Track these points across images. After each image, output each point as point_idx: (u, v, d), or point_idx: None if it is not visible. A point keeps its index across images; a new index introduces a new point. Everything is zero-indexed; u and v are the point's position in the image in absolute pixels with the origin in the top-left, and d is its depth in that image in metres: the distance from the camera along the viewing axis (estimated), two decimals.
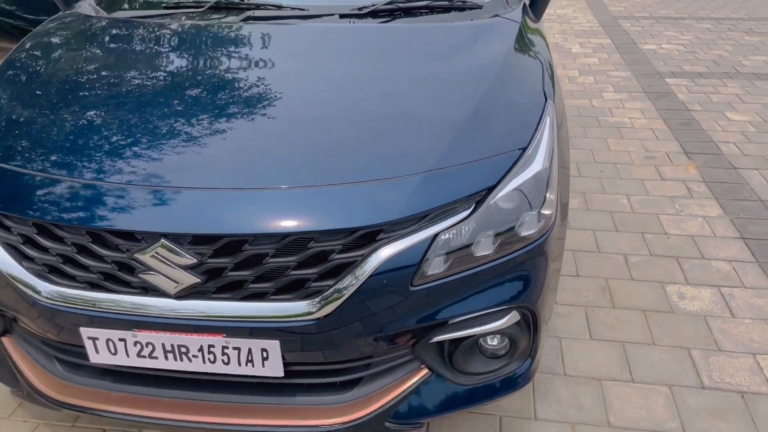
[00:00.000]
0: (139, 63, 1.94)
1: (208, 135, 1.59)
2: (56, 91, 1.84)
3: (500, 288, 1.59)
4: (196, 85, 1.80)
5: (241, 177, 1.49)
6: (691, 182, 3.52)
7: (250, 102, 1.71)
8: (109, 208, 1.46)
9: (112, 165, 1.53)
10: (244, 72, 1.86)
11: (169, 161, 1.53)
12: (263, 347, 1.52)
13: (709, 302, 2.53)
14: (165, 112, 1.69)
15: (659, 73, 5.43)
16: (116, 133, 1.62)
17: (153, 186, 1.47)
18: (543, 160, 1.63)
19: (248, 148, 1.57)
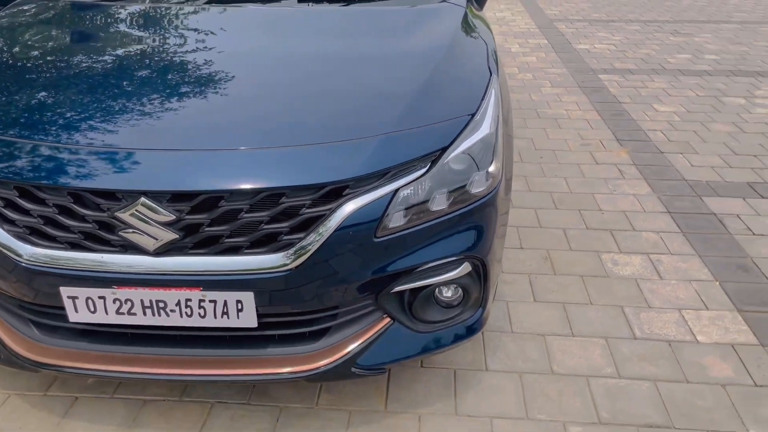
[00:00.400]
0: (110, 40, 2.03)
1: (186, 101, 1.71)
2: (33, 66, 1.91)
3: (453, 240, 1.75)
4: (165, 60, 1.91)
5: (218, 138, 1.61)
6: (622, 165, 3.80)
7: (224, 73, 1.83)
8: (91, 169, 1.55)
9: (93, 129, 1.63)
10: (210, 49, 1.98)
11: (148, 125, 1.64)
12: (238, 299, 1.63)
13: (639, 267, 2.78)
14: (142, 82, 1.79)
15: (592, 70, 5.76)
16: (96, 101, 1.72)
17: (134, 148, 1.58)
18: (489, 125, 1.81)
19: (225, 113, 1.69)
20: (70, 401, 2.04)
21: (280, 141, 1.61)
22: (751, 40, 6.83)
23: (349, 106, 1.74)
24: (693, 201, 3.34)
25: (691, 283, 2.65)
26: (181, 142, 1.59)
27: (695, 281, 2.67)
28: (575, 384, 2.11)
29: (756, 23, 7.70)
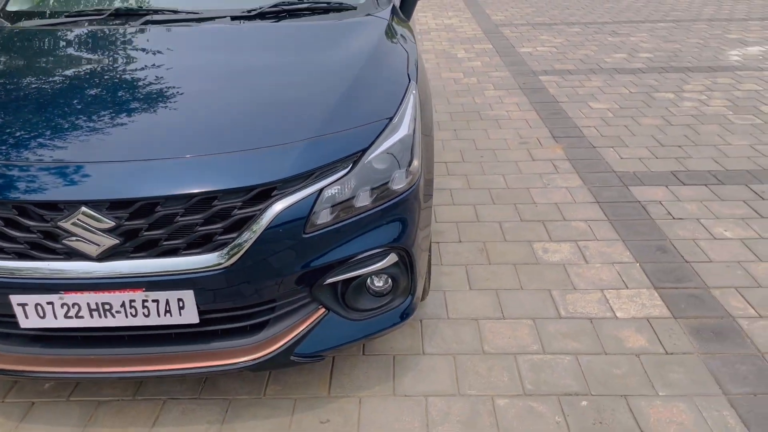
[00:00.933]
0: (52, 65, 2.15)
1: (120, 117, 1.84)
2: None
3: (378, 233, 1.92)
4: (102, 81, 2.04)
5: (152, 149, 1.75)
6: (557, 161, 4.02)
7: (153, 91, 1.97)
8: (33, 183, 1.68)
9: (34, 145, 1.75)
10: (146, 67, 2.11)
11: (86, 139, 1.77)
12: (179, 297, 1.77)
13: (567, 254, 2.98)
14: (78, 103, 1.92)
15: (533, 72, 6.01)
16: (36, 118, 1.84)
17: (73, 161, 1.71)
18: (408, 126, 1.99)
19: (157, 126, 1.83)
20: (26, 406, 2.14)
21: (210, 149, 1.75)
22: (684, 37, 7.18)
23: (274, 114, 1.90)
24: (620, 191, 3.56)
25: (613, 266, 2.86)
26: (117, 154, 1.73)
27: (618, 263, 2.88)
28: (504, 361, 2.29)
29: (689, 21, 8.08)
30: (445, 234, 3.19)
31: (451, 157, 4.13)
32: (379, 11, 2.55)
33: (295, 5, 2.49)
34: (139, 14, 2.45)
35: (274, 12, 2.46)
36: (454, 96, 5.40)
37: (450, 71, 6.16)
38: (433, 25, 8.33)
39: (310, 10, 2.50)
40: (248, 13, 2.43)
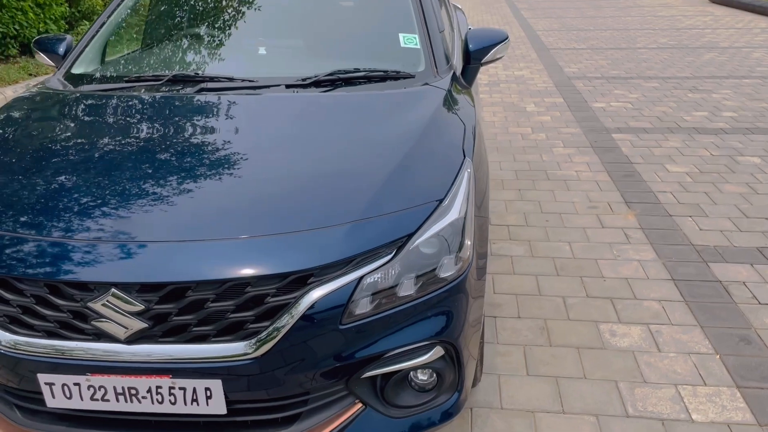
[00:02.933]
0: (96, 134, 2.14)
1: (154, 195, 1.78)
2: (18, 160, 2.02)
3: (423, 324, 1.76)
4: (144, 153, 2.00)
5: (184, 230, 1.67)
6: (629, 229, 3.76)
7: (193, 165, 1.91)
8: (65, 262, 1.62)
9: (68, 223, 1.71)
10: (190, 139, 2.07)
11: (118, 218, 1.71)
12: (207, 386, 1.67)
13: (638, 338, 2.72)
14: (116, 176, 1.88)
15: (606, 129, 5.77)
16: (71, 195, 1.81)
17: (104, 241, 1.65)
18: (459, 209, 1.84)
19: (190, 205, 1.76)
20: None
21: (245, 231, 1.66)
22: None
23: (316, 195, 1.80)
24: (698, 267, 3.27)
25: (690, 356, 2.59)
26: (149, 234, 1.66)
27: (694, 354, 2.60)
28: None
29: None
30: (503, 307, 2.99)
31: (513, 220, 3.94)
32: (438, 80, 2.43)
33: (351, 73, 2.42)
34: (195, 80, 2.44)
35: (330, 80, 2.39)
36: (521, 152, 5.22)
37: (518, 126, 5.99)
38: (503, 76, 8.21)
39: (366, 78, 2.42)
40: (303, 81, 2.37)
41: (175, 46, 2.85)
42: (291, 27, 2.82)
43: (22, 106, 2.40)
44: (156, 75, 2.48)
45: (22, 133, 2.19)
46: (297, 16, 2.86)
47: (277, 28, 2.82)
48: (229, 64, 2.62)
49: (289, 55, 2.69)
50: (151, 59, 2.81)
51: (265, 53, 2.68)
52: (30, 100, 2.46)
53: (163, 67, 2.68)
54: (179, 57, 2.75)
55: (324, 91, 2.35)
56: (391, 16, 2.77)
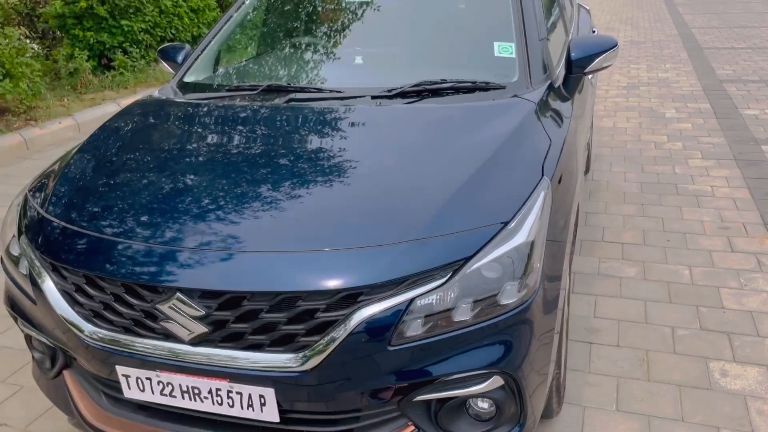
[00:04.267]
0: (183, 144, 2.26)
1: (224, 205, 1.85)
2: (113, 168, 2.18)
3: (480, 352, 1.69)
4: (223, 164, 2.08)
5: (244, 240, 1.72)
6: (763, 255, 3.36)
7: (265, 177, 1.96)
8: (139, 264, 1.74)
9: (147, 228, 1.82)
10: (268, 151, 2.12)
11: (191, 226, 1.80)
12: (261, 393, 1.71)
13: (753, 382, 2.42)
14: (194, 186, 1.98)
15: (755, 140, 5.21)
16: (153, 202, 1.93)
17: (174, 247, 1.74)
18: (527, 232, 1.74)
19: (255, 216, 1.81)
20: None
21: (300, 245, 1.68)
22: None
23: (379, 211, 1.77)
24: None
25: None
26: (213, 242, 1.73)
27: None
28: None
29: None
30: (601, 333, 2.79)
31: (630, 238, 3.67)
32: (529, 92, 2.31)
33: (438, 84, 2.36)
34: (287, 90, 2.51)
35: (416, 91, 2.35)
36: (651, 163, 4.85)
37: (652, 133, 5.58)
38: (645, 78, 7.67)
39: (454, 89, 2.36)
40: (389, 92, 2.36)
41: (276, 57, 2.95)
42: (388, 36, 2.82)
43: (132, 113, 2.61)
44: (252, 85, 2.58)
45: (123, 139, 2.38)
46: (396, 24, 2.85)
47: (374, 38, 2.83)
48: (320, 75, 2.67)
49: (382, 65, 2.69)
50: (253, 69, 2.94)
51: (357, 63, 2.70)
52: (140, 107, 2.67)
53: (262, 77, 2.79)
54: (278, 67, 2.84)
55: (408, 102, 2.32)
56: (489, 23, 2.68)
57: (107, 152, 2.29)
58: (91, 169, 2.20)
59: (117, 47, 7.94)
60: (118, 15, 7.83)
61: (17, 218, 2.12)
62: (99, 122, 6.74)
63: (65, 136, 6.31)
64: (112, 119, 2.60)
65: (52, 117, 6.41)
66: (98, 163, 2.23)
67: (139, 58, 8.09)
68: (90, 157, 2.28)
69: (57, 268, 1.87)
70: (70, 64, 7.44)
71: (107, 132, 2.48)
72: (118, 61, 7.81)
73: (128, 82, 7.65)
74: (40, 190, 2.17)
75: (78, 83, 7.38)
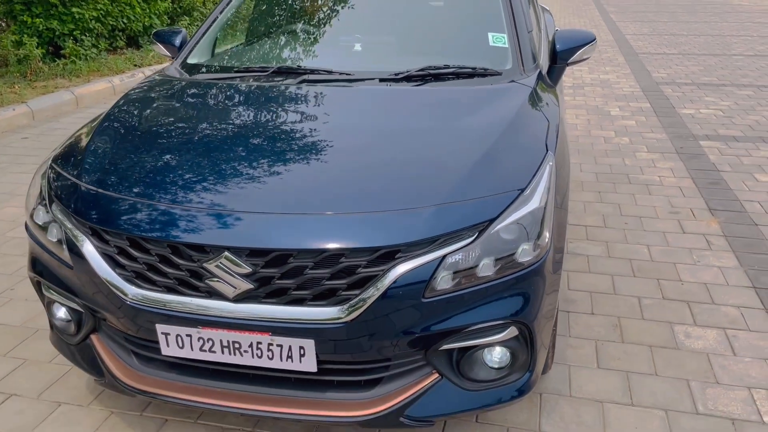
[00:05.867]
0: (212, 116, 2.39)
1: (263, 172, 1.99)
2: (147, 136, 2.29)
3: (500, 304, 1.89)
4: (256, 134, 2.22)
5: (289, 204, 1.87)
6: (711, 236, 3.73)
7: (298, 147, 2.11)
8: (186, 226, 1.85)
9: (189, 192, 1.94)
10: (295, 124, 2.27)
11: (233, 191, 1.93)
12: (301, 345, 1.85)
13: (713, 342, 2.74)
14: (231, 154, 2.10)
15: (694, 136, 5.66)
16: (192, 168, 2.04)
17: (220, 210, 1.87)
18: (540, 199, 1.96)
19: (295, 182, 1.96)
20: (161, 422, 2.32)
21: (342, 208, 1.84)
22: None
23: (406, 178, 1.96)
24: None
25: (766, 362, 2.58)
26: (260, 206, 1.86)
27: None
28: None
29: None
30: (576, 303, 3.06)
31: (592, 221, 3.98)
32: (524, 78, 2.55)
33: (441, 70, 2.56)
34: (298, 72, 2.65)
35: (420, 75, 2.54)
36: (603, 156, 5.21)
37: (601, 129, 5.96)
38: (588, 79, 8.13)
39: (455, 74, 2.56)
40: (396, 75, 2.54)
41: (278, 42, 3.08)
42: (385, 25, 3.00)
43: (146, 89, 2.69)
44: (263, 66, 2.71)
45: (149, 113, 2.47)
46: (391, 15, 3.03)
47: (373, 26, 3.01)
48: (328, 59, 2.82)
49: (383, 51, 2.87)
50: (257, 53, 3.06)
51: (360, 49, 2.86)
52: (153, 84, 2.75)
53: (269, 59, 2.92)
54: (283, 51, 2.98)
55: (415, 85, 2.50)
56: (482, 16, 2.90)
57: (136, 123, 2.37)
58: (121, 138, 2.28)
59: (67, 35, 7.76)
60: (68, 2, 7.67)
61: (44, 187, 2.18)
62: (54, 110, 6.70)
63: (19, 123, 6.16)
64: (130, 92, 2.67)
65: (6, 104, 6.24)
66: (128, 132, 2.31)
67: (90, 46, 7.94)
68: (118, 127, 2.36)
69: (98, 233, 1.95)
70: (19, 50, 7.23)
71: (130, 103, 2.55)
72: (68, 49, 7.65)
73: (81, 70, 7.50)
74: (68, 160, 2.23)
75: (28, 71, 7.18)
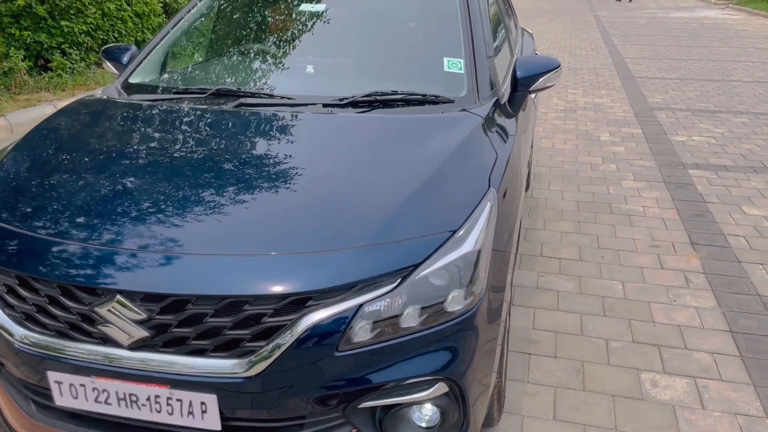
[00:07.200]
0: (127, 142, 2.22)
1: (166, 206, 1.82)
2: (49, 165, 2.10)
3: (426, 358, 1.70)
4: (167, 164, 2.05)
5: (188, 243, 1.69)
6: (690, 273, 3.53)
7: (210, 179, 1.94)
8: (76, 265, 1.68)
9: (83, 229, 1.76)
10: (215, 152, 2.10)
11: (131, 227, 1.75)
12: (202, 400, 1.67)
13: (681, 392, 2.53)
14: (135, 185, 1.93)
15: (683, 164, 5.47)
16: (90, 201, 1.87)
17: (112, 248, 1.69)
18: (474, 241, 1.77)
19: (198, 219, 1.78)
20: None
21: (246, 249, 1.66)
22: None
23: (326, 216, 1.77)
24: (762, 320, 3.02)
25: (736, 418, 2.38)
26: (156, 244, 1.69)
27: (742, 416, 2.39)
28: None
29: None
30: (539, 345, 2.86)
31: (567, 254, 3.78)
32: (477, 107, 2.36)
33: (388, 96, 2.39)
34: (237, 95, 2.48)
35: (367, 101, 2.37)
36: (587, 183, 5.02)
37: (588, 155, 5.78)
38: (581, 103, 7.97)
39: (404, 101, 2.39)
40: (340, 101, 2.37)
41: (224, 63, 2.92)
42: (339, 47, 2.83)
43: (73, 112, 2.53)
44: (201, 88, 2.54)
45: (63, 140, 2.30)
46: (350, 36, 2.87)
47: (328, 48, 2.84)
48: (271, 81, 2.65)
49: (333, 74, 2.70)
50: (204, 73, 2.90)
51: (312, 71, 2.70)
52: (82, 105, 2.59)
53: (211, 81, 2.76)
54: (229, 72, 2.81)
55: (359, 112, 2.33)
56: (440, 39, 2.73)
57: (44, 151, 2.21)
58: (26, 168, 2.11)
59: (55, 48, 7.67)
60: (58, 15, 7.58)
61: None
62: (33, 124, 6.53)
63: None
64: (50, 118, 2.51)
65: None
66: (34, 162, 2.14)
67: (79, 60, 7.84)
68: (25, 156, 2.20)
69: None
70: (4, 63, 7.13)
71: (45, 131, 2.39)
72: (55, 62, 7.55)
73: (66, 84, 7.39)
74: None
75: (12, 83, 7.08)
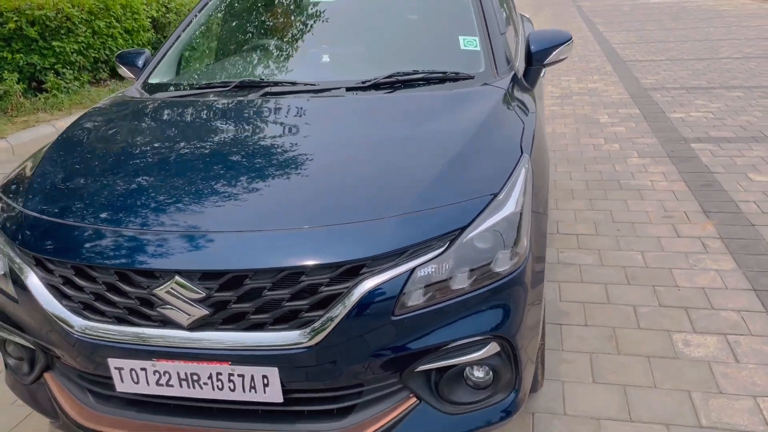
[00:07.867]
0: (165, 134, 2.27)
1: (216, 188, 1.86)
2: (93, 159, 2.16)
3: (478, 319, 1.74)
4: (209, 150, 2.10)
5: (242, 221, 1.73)
6: (707, 239, 3.59)
7: (253, 161, 1.99)
8: (133, 251, 1.71)
9: (136, 215, 1.80)
10: (253, 137, 2.15)
11: (183, 210, 1.79)
12: (264, 374, 1.70)
13: (714, 349, 2.58)
14: (181, 171, 1.97)
15: (685, 139, 5.54)
16: (139, 189, 1.91)
17: (168, 231, 1.73)
18: (515, 203, 1.82)
19: (249, 198, 1.82)
20: None
21: (298, 222, 1.70)
22: None
23: (370, 188, 1.82)
24: None
25: None
26: (210, 224, 1.73)
27: None
28: None
29: None
30: (569, 315, 2.91)
31: (583, 229, 3.84)
32: (498, 80, 2.42)
33: (410, 75, 2.44)
34: (261, 86, 2.53)
35: (389, 82, 2.42)
36: (592, 163, 5.09)
37: (590, 137, 5.85)
38: (576, 89, 8.04)
39: (425, 80, 2.44)
40: (363, 83, 2.42)
41: (243, 57, 2.97)
42: (354, 35, 2.89)
43: (101, 112, 2.57)
44: (224, 82, 2.59)
45: (101, 135, 2.34)
46: (360, 24, 2.93)
47: (341, 36, 2.90)
48: (292, 71, 2.71)
49: (351, 61, 2.75)
50: (222, 68, 2.95)
51: (328, 60, 2.75)
52: (110, 106, 2.63)
53: (232, 74, 2.80)
54: (248, 65, 2.86)
55: (384, 93, 2.38)
56: (452, 19, 2.79)
57: (85, 146, 2.25)
58: (70, 162, 2.15)
59: (49, 69, 7.69)
60: (49, 36, 7.60)
61: None
62: (35, 144, 6.57)
63: None
64: (84, 116, 2.55)
65: None
66: (77, 156, 2.18)
67: (73, 79, 7.86)
68: (67, 152, 2.24)
69: (41, 262, 1.82)
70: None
71: (82, 128, 2.43)
72: (50, 83, 7.56)
73: (63, 104, 7.41)
74: (13, 188, 2.11)
75: (9, 106, 7.09)
